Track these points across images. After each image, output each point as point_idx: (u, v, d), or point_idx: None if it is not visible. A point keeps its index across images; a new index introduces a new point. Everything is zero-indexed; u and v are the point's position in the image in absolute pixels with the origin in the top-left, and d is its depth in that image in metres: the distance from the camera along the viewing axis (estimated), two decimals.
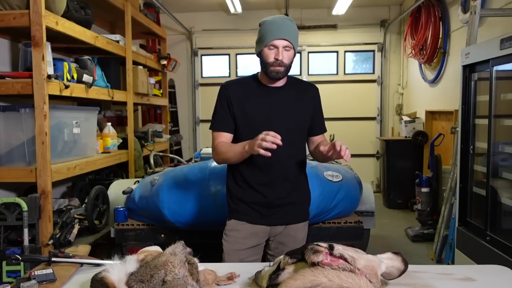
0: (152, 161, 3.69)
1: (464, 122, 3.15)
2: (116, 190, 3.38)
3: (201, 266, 1.37)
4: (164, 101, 5.52)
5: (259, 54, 1.85)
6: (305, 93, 1.94)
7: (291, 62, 1.85)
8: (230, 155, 1.81)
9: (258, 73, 1.95)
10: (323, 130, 2.04)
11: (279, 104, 1.87)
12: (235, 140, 1.90)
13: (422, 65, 5.95)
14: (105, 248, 3.26)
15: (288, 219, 1.93)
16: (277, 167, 1.87)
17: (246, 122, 1.87)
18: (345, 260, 1.19)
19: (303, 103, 1.92)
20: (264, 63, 1.83)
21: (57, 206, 3.10)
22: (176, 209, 2.73)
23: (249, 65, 7.20)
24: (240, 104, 1.86)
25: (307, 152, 2.05)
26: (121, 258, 1.33)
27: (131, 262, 1.27)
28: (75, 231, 2.89)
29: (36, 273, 1.41)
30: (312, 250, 1.21)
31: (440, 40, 5.30)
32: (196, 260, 1.31)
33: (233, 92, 1.89)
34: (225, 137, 1.89)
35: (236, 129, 1.89)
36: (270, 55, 1.79)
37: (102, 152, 3.76)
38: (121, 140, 4.08)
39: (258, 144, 1.59)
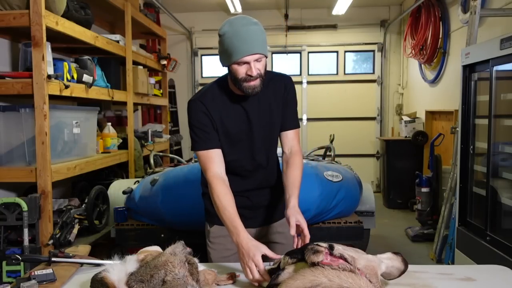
0: (152, 161, 3.69)
1: (464, 122, 3.15)
2: (116, 190, 3.38)
3: (201, 266, 1.37)
4: (164, 101, 5.52)
5: (227, 68, 1.67)
6: (279, 89, 1.79)
7: (265, 70, 1.67)
8: (223, 217, 1.60)
9: (224, 80, 1.76)
10: (293, 125, 1.83)
11: (256, 111, 1.74)
12: None
13: (422, 65, 5.95)
14: (105, 248, 3.26)
15: (273, 217, 1.89)
16: (259, 174, 1.81)
17: (227, 137, 1.73)
18: (345, 260, 1.19)
19: (278, 102, 1.79)
20: (235, 79, 1.63)
21: (57, 206, 3.10)
22: (176, 209, 2.73)
23: None
24: (219, 119, 1.71)
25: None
26: (121, 258, 1.33)
27: (131, 262, 1.27)
28: (75, 231, 2.89)
29: (36, 273, 1.41)
30: (312, 250, 1.21)
31: (440, 40, 5.30)
32: (196, 260, 1.32)
33: (211, 106, 1.70)
34: (216, 155, 1.69)
35: None
36: (241, 71, 1.60)
37: (102, 152, 3.75)
38: (121, 140, 4.07)
39: (245, 272, 1.46)
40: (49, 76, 2.67)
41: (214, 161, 1.68)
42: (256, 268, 1.41)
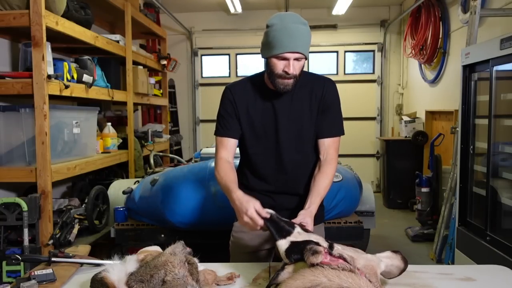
0: (152, 161, 3.69)
1: (464, 122, 3.15)
2: (116, 190, 3.38)
3: (201, 266, 1.37)
4: (164, 101, 5.52)
5: (266, 59, 1.68)
6: (317, 92, 1.76)
7: (302, 71, 1.68)
8: (222, 187, 1.70)
9: (261, 75, 1.79)
10: (331, 133, 1.79)
11: (286, 108, 1.73)
12: (240, 147, 1.82)
13: (422, 65, 5.95)
14: (105, 248, 3.26)
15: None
16: (284, 176, 1.78)
17: (252, 129, 1.76)
18: (344, 260, 1.19)
19: (313, 105, 1.75)
20: (271, 72, 1.65)
21: (57, 206, 3.10)
22: (176, 209, 2.73)
23: (249, 65, 7.21)
24: (245, 110, 1.73)
25: None
26: (121, 258, 1.33)
27: (131, 262, 1.27)
28: (75, 231, 2.90)
29: (36, 273, 1.41)
30: (311, 251, 1.21)
31: (440, 40, 5.30)
32: (196, 260, 1.32)
33: (238, 96, 1.75)
34: (229, 144, 1.76)
35: (242, 134, 1.78)
36: (279, 66, 1.62)
37: (102, 152, 3.76)
38: (121, 140, 4.08)
39: (242, 222, 1.54)
40: (49, 76, 2.67)
41: (225, 148, 1.76)
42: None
